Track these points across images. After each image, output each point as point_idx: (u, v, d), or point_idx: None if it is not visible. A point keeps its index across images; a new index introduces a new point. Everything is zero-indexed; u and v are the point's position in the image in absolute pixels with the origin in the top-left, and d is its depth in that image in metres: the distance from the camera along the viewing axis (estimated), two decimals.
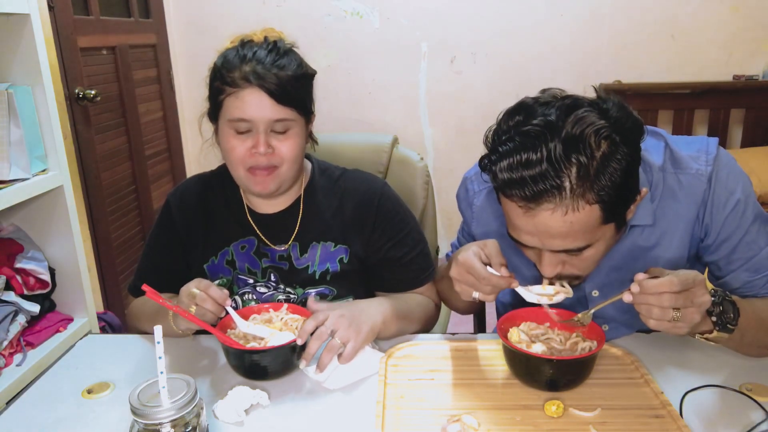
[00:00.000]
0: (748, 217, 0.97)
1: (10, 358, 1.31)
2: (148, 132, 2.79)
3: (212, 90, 1.10)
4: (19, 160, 1.32)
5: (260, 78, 1.03)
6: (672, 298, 0.80)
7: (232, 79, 1.05)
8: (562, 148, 0.79)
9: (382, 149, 1.50)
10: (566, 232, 0.84)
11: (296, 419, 0.88)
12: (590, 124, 0.80)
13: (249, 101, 1.04)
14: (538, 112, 0.84)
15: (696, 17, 2.99)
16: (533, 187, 0.80)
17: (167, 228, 1.22)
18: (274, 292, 1.18)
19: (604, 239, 0.89)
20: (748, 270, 0.99)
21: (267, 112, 1.04)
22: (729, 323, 0.87)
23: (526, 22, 3.07)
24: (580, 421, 0.83)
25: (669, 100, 2.98)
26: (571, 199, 0.80)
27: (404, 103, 3.26)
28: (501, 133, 0.86)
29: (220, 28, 3.10)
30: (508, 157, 0.82)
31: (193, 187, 1.24)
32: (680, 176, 0.98)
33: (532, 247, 0.91)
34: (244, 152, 1.07)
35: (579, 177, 0.80)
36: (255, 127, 1.05)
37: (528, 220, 0.85)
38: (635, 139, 0.85)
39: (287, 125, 1.07)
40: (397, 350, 1.04)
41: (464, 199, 1.16)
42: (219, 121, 1.10)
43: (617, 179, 0.81)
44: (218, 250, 1.19)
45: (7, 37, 1.34)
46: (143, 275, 1.22)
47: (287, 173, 1.11)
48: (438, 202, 1.64)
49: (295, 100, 1.07)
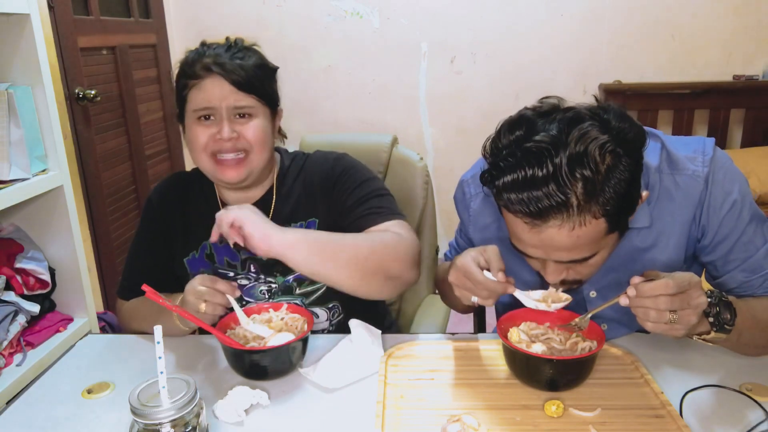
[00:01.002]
0: (744, 217, 0.97)
1: (10, 358, 1.31)
2: (148, 132, 2.79)
3: (177, 88, 1.14)
4: (19, 160, 1.32)
5: (220, 66, 1.08)
6: (668, 301, 0.80)
7: (193, 71, 1.09)
8: (567, 165, 0.78)
9: (382, 149, 1.50)
10: (572, 246, 0.84)
11: (296, 419, 0.88)
12: (594, 140, 0.79)
13: (210, 89, 1.08)
14: (539, 126, 0.83)
15: (696, 17, 2.99)
16: (539, 204, 0.80)
17: (150, 225, 1.24)
18: (256, 283, 1.19)
19: (608, 246, 0.90)
20: (745, 270, 0.99)
21: (228, 98, 1.08)
22: (726, 324, 0.87)
23: (526, 22, 3.07)
24: (580, 421, 0.83)
25: (669, 100, 2.98)
26: (577, 215, 0.80)
27: (404, 103, 3.26)
28: (502, 148, 0.86)
29: (220, 28, 3.10)
30: (511, 173, 0.82)
31: (174, 184, 1.27)
32: (677, 177, 0.98)
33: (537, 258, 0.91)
34: (207, 139, 1.10)
35: (585, 192, 0.79)
36: (218, 113, 1.09)
37: (534, 235, 0.85)
38: (637, 148, 0.85)
39: (249, 111, 1.10)
40: (397, 350, 1.04)
41: (461, 202, 1.16)
42: (185, 116, 1.13)
43: (621, 190, 0.81)
44: (198, 245, 1.21)
45: (7, 37, 1.34)
46: (132, 276, 1.24)
47: (256, 160, 1.12)
48: (438, 202, 1.64)
49: (256, 88, 1.10)
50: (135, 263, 1.26)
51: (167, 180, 1.28)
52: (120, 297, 1.27)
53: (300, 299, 1.17)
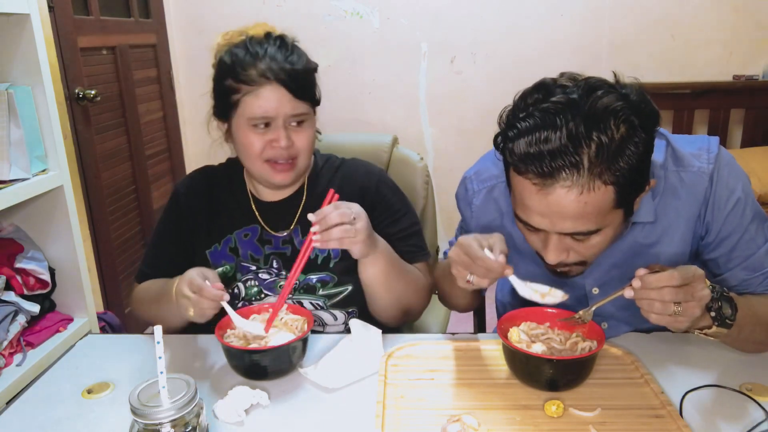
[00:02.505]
0: (747, 215, 0.98)
1: (10, 358, 1.31)
2: (148, 132, 2.79)
3: (223, 88, 1.11)
4: (19, 160, 1.33)
5: (278, 74, 1.07)
6: (673, 292, 0.80)
7: (249, 76, 1.07)
8: (582, 126, 0.79)
9: (382, 149, 1.50)
10: (579, 213, 0.83)
11: (296, 419, 0.88)
12: (611, 106, 0.81)
13: (269, 98, 1.07)
14: (558, 92, 0.84)
15: (696, 17, 2.99)
16: (551, 162, 0.80)
17: (175, 215, 1.25)
18: (276, 279, 1.19)
19: (612, 226, 0.88)
20: (746, 268, 0.99)
21: (287, 107, 1.08)
22: (727, 318, 0.87)
23: (526, 22, 3.07)
24: (580, 421, 0.83)
25: (669, 100, 2.98)
26: (587, 177, 0.80)
27: (404, 103, 3.26)
28: (519, 111, 0.86)
29: (220, 28, 3.03)
30: (527, 134, 0.82)
31: (201, 177, 1.28)
32: (682, 174, 0.98)
33: (541, 230, 0.89)
34: (262, 146, 1.10)
35: (597, 156, 0.80)
36: (275, 122, 1.09)
37: (541, 198, 0.84)
38: (652, 125, 0.85)
39: (303, 118, 1.11)
40: (397, 350, 1.04)
41: (463, 199, 1.17)
42: (233, 119, 1.12)
43: (633, 163, 0.82)
44: (221, 238, 1.21)
45: (7, 37, 1.34)
46: (152, 262, 1.25)
47: (303, 163, 1.16)
48: (438, 202, 1.64)
49: (309, 94, 1.12)
50: (156, 251, 1.26)
51: (195, 173, 1.29)
52: (136, 281, 1.27)
53: (323, 300, 1.18)
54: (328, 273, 1.18)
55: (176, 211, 1.25)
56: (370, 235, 1.04)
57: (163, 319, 1.12)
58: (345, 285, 1.18)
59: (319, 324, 1.18)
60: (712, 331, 0.88)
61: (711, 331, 0.88)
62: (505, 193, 1.10)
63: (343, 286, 1.18)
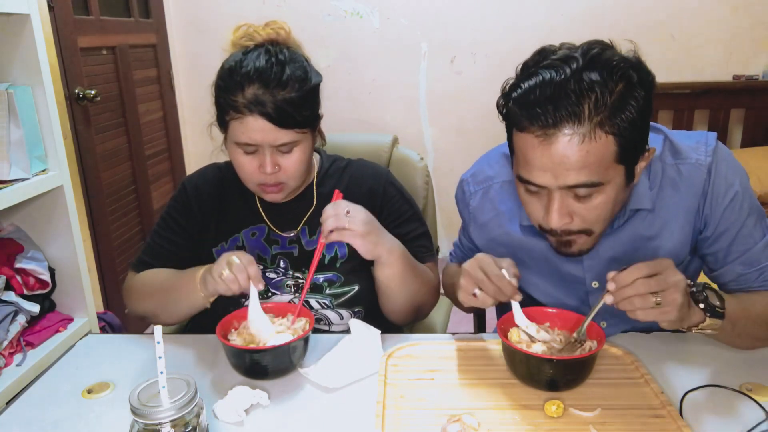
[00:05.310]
0: (745, 209, 0.98)
1: (10, 358, 1.31)
2: (148, 132, 2.79)
3: (218, 103, 1.11)
4: (19, 160, 1.33)
5: (262, 105, 1.04)
6: (646, 283, 0.81)
7: (235, 104, 1.05)
8: (583, 77, 0.82)
9: (382, 149, 1.50)
10: (582, 163, 0.84)
11: (296, 419, 0.88)
12: (611, 59, 0.84)
13: (253, 128, 1.05)
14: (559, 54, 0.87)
15: (696, 17, 2.99)
16: (553, 112, 0.82)
17: (180, 209, 1.24)
18: (283, 278, 1.19)
19: (614, 184, 0.88)
20: (743, 263, 1.00)
21: (270, 137, 1.06)
22: (717, 308, 0.88)
23: (526, 22, 3.07)
24: (580, 421, 0.83)
25: (669, 100, 2.98)
26: (588, 126, 0.82)
27: (404, 103, 3.26)
28: (522, 74, 0.90)
29: (220, 28, 3.08)
30: (529, 89, 0.86)
31: (210, 175, 1.27)
32: (680, 166, 0.99)
33: (543, 188, 0.89)
34: (252, 170, 1.11)
35: (597, 105, 0.82)
36: (261, 149, 1.08)
37: (544, 150, 0.85)
38: (650, 83, 0.87)
39: (292, 145, 1.10)
40: (397, 350, 1.04)
41: (461, 201, 1.18)
42: (226, 136, 1.12)
43: (633, 116, 0.84)
44: (229, 236, 1.21)
45: (7, 37, 1.34)
46: (153, 251, 1.24)
47: (293, 184, 1.16)
48: (438, 202, 1.64)
49: (298, 122, 1.07)
50: (159, 240, 1.25)
51: (204, 170, 1.29)
52: (133, 269, 1.26)
53: (329, 299, 1.18)
54: (335, 273, 1.18)
55: (185, 203, 1.23)
56: (372, 233, 1.04)
57: (164, 308, 1.13)
58: (352, 285, 1.18)
59: (325, 323, 1.19)
60: (707, 324, 0.88)
61: (705, 324, 0.88)
62: (500, 193, 1.11)
63: (350, 286, 1.18)
